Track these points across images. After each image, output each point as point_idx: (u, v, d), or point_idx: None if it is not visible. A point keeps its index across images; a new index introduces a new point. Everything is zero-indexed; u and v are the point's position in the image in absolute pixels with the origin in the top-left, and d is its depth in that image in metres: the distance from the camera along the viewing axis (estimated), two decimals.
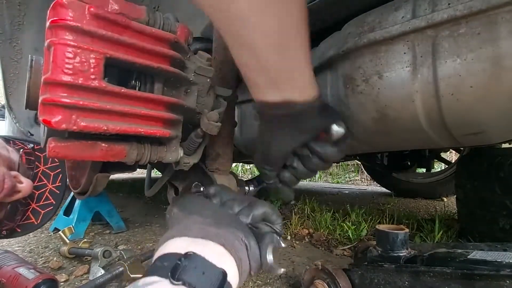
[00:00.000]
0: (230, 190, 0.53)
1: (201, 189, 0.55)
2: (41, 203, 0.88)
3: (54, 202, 0.89)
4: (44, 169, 0.90)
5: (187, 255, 0.32)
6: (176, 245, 0.35)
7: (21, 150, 0.83)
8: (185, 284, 0.29)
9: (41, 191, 0.88)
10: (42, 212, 0.88)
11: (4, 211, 0.75)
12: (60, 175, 0.91)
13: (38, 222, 0.87)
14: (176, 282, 0.29)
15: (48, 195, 0.89)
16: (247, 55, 0.43)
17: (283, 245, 0.42)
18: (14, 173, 0.72)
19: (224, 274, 0.32)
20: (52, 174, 0.90)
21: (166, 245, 0.36)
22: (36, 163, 0.89)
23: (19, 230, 0.86)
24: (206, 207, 0.42)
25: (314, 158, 0.50)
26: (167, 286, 0.29)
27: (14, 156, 0.78)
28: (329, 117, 0.49)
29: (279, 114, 0.47)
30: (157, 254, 0.35)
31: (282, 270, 0.41)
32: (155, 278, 0.30)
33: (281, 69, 0.43)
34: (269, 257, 0.39)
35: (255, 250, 0.39)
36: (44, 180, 0.89)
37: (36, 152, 0.89)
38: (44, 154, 0.88)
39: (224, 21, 0.40)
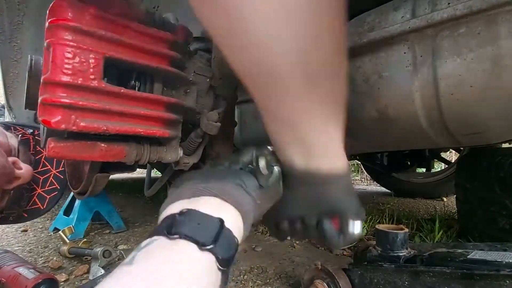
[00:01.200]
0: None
1: None
2: (46, 188, 0.88)
3: (58, 187, 0.89)
4: None
5: (181, 212, 0.33)
6: (171, 208, 0.35)
7: (19, 136, 0.83)
8: (181, 237, 0.30)
9: (45, 176, 0.88)
10: (48, 197, 0.88)
11: (7, 197, 0.75)
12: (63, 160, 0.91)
13: (44, 207, 0.87)
14: (172, 236, 0.30)
15: (52, 180, 0.89)
16: (283, 129, 0.43)
17: (270, 148, 0.43)
18: (12, 159, 0.71)
19: (221, 221, 0.32)
20: (55, 159, 0.90)
21: (162, 214, 0.36)
22: (38, 148, 0.89)
23: (26, 215, 0.86)
24: (195, 173, 0.42)
25: (319, 233, 0.48)
26: (164, 241, 0.30)
27: (13, 141, 0.77)
28: (351, 203, 0.46)
29: (304, 179, 0.46)
30: (158, 222, 0.36)
31: (276, 168, 0.42)
32: (154, 238, 0.31)
33: (316, 143, 0.43)
34: (261, 164, 0.40)
35: (251, 180, 0.39)
36: (48, 165, 0.89)
37: (38, 138, 0.89)
38: None
39: (266, 103, 0.40)
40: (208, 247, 0.30)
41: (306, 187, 0.46)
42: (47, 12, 0.37)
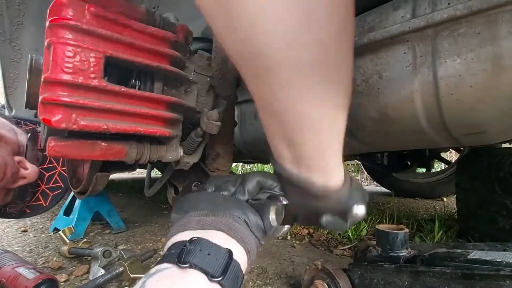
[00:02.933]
0: (224, 175, 0.52)
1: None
2: (50, 185, 0.88)
3: (62, 185, 0.89)
4: None
5: (191, 240, 0.33)
6: (178, 237, 0.36)
7: (29, 133, 0.83)
8: (192, 266, 0.30)
9: (50, 173, 0.88)
10: (51, 194, 0.87)
11: (12, 194, 0.74)
12: None
13: (47, 204, 0.87)
14: (183, 265, 0.30)
15: (57, 177, 0.89)
16: (274, 123, 0.38)
17: (284, 202, 0.41)
18: (18, 158, 0.71)
19: (229, 252, 0.33)
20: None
21: (169, 241, 0.36)
22: None
23: (28, 211, 0.85)
24: (201, 199, 0.41)
25: (317, 222, 0.45)
26: (175, 270, 0.30)
27: (23, 138, 0.77)
28: (350, 200, 0.43)
29: (298, 187, 0.42)
30: (165, 248, 0.36)
31: (287, 227, 0.41)
32: (164, 265, 0.31)
33: (307, 148, 0.39)
34: (271, 217, 0.39)
35: (257, 221, 0.39)
36: (54, 162, 0.89)
37: None
38: None
39: (258, 90, 0.36)
40: (217, 279, 0.30)
41: (299, 192, 0.42)
42: (48, 11, 0.37)
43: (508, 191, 0.94)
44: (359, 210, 0.42)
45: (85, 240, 1.21)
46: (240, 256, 0.35)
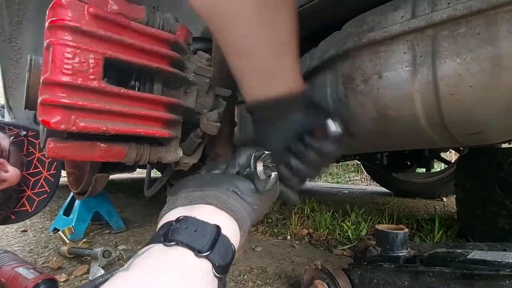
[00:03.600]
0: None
1: None
2: (36, 190, 0.87)
3: (48, 190, 0.88)
4: (40, 156, 0.89)
5: (177, 220, 0.33)
6: (168, 217, 0.36)
7: (12, 137, 0.82)
8: (178, 244, 0.30)
9: (36, 178, 0.87)
10: (37, 199, 0.87)
11: None
12: (55, 163, 0.90)
13: (33, 209, 0.86)
14: (169, 243, 0.30)
15: (43, 182, 0.88)
16: (244, 61, 0.48)
17: (266, 152, 0.43)
18: None
19: (217, 227, 0.33)
20: (47, 161, 0.89)
21: (160, 223, 0.37)
22: (31, 149, 0.87)
23: (13, 217, 0.85)
24: (191, 179, 0.42)
25: (311, 153, 0.49)
26: (162, 248, 0.30)
27: (5, 142, 0.76)
28: (321, 113, 0.51)
29: (269, 109, 0.50)
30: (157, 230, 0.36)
31: (274, 174, 0.41)
32: (151, 245, 0.31)
33: (273, 70, 0.48)
34: (259, 168, 0.40)
35: (246, 185, 0.39)
36: (40, 167, 0.88)
37: (31, 139, 0.88)
38: (39, 140, 0.87)
39: (224, 33, 0.46)
40: (205, 254, 0.30)
41: (274, 116, 0.50)
42: (47, 12, 0.37)
43: (508, 191, 0.94)
44: (333, 123, 0.48)
45: (84, 240, 1.21)
46: (230, 227, 0.36)
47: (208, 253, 0.30)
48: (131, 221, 1.63)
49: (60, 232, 1.12)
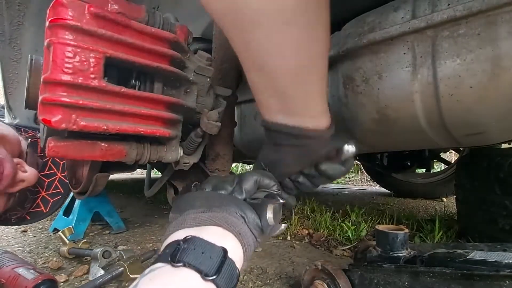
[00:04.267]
0: (222, 175, 0.52)
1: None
2: (50, 191, 0.88)
3: (62, 191, 0.89)
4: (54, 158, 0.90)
5: (185, 239, 0.33)
6: (175, 236, 0.35)
7: (29, 139, 0.83)
8: (185, 265, 0.30)
9: (50, 179, 0.88)
10: (51, 200, 0.88)
11: (12, 199, 0.74)
12: None
13: (47, 210, 0.87)
14: (176, 265, 0.30)
15: (57, 183, 0.89)
16: (264, 79, 0.42)
17: (281, 201, 0.42)
18: (17, 160, 0.70)
19: (224, 251, 0.33)
20: (61, 163, 0.90)
21: (166, 241, 0.36)
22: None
23: (28, 218, 0.86)
24: (198, 198, 0.41)
25: (323, 178, 0.49)
26: (168, 269, 0.30)
27: (23, 144, 0.77)
28: (340, 141, 0.47)
29: (289, 136, 0.45)
30: (161, 248, 0.36)
31: (284, 225, 0.42)
32: (158, 265, 0.31)
33: (296, 96, 0.42)
34: (268, 215, 0.39)
35: (254, 218, 0.39)
36: (54, 168, 0.89)
37: None
38: None
39: (244, 47, 0.39)
40: (211, 278, 0.30)
41: (292, 145, 0.46)
42: (48, 11, 0.37)
43: (508, 192, 0.94)
44: (350, 147, 0.46)
45: (84, 240, 1.20)
46: (237, 251, 0.35)
47: (214, 277, 0.30)
48: (131, 222, 1.63)
49: (60, 233, 1.12)
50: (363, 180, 4.05)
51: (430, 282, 0.55)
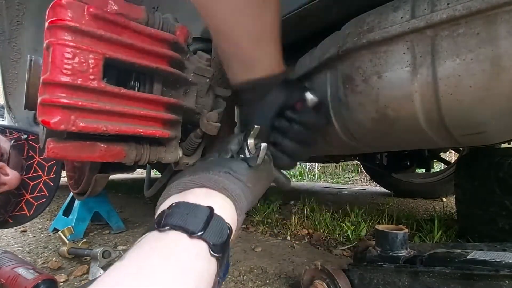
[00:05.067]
0: None
1: None
2: (35, 194, 0.86)
3: (47, 194, 0.87)
4: (40, 160, 0.88)
5: (170, 206, 0.34)
6: (163, 206, 0.36)
7: (12, 140, 0.82)
8: (171, 228, 0.30)
9: (35, 182, 0.87)
10: (35, 203, 0.86)
11: None
12: (55, 167, 0.89)
13: (31, 213, 0.86)
14: (162, 229, 0.31)
15: (42, 186, 0.87)
16: (229, 46, 0.51)
17: (255, 127, 0.45)
18: None
19: (210, 208, 0.33)
20: (47, 165, 0.88)
21: (156, 213, 0.37)
22: (32, 153, 0.87)
23: (11, 221, 0.84)
24: (186, 169, 0.43)
25: (294, 126, 0.53)
26: (155, 234, 0.31)
27: (6, 145, 0.76)
28: (299, 89, 0.56)
29: (252, 91, 0.53)
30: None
31: (263, 144, 0.43)
32: (146, 234, 0.32)
33: (255, 56, 0.51)
34: (250, 142, 0.42)
35: (239, 164, 0.41)
36: (39, 171, 0.87)
37: (31, 143, 0.87)
38: (39, 144, 0.87)
39: (210, 19, 0.48)
40: (198, 234, 0.30)
41: (258, 95, 0.53)
42: (47, 12, 0.37)
43: (508, 192, 0.94)
44: (311, 95, 0.54)
45: (84, 240, 1.21)
46: (226, 206, 0.36)
47: (201, 233, 0.30)
48: (131, 222, 1.63)
49: (59, 233, 1.12)
50: (362, 180, 4.05)
51: (429, 282, 0.55)
